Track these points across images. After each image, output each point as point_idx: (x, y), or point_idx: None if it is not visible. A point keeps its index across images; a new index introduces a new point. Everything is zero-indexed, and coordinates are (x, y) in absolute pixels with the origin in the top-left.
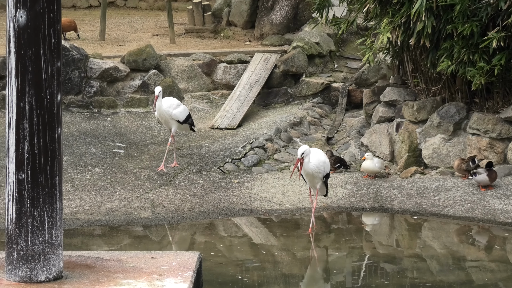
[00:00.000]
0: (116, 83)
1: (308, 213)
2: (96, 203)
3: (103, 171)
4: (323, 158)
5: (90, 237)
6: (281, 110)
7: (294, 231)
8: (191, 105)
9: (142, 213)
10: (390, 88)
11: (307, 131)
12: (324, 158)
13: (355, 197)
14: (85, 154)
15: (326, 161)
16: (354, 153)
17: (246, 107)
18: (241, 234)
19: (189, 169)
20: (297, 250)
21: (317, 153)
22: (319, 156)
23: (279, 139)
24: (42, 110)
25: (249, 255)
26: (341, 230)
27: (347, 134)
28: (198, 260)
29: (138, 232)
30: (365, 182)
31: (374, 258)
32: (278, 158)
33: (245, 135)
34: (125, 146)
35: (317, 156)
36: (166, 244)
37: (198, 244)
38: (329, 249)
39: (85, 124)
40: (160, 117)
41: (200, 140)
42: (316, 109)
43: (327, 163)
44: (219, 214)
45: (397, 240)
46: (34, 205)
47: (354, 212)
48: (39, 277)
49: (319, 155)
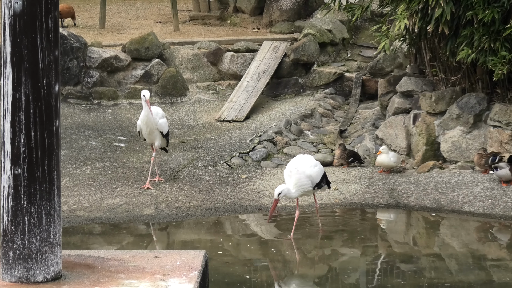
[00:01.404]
0: (117, 73)
1: (320, 209)
2: (96, 200)
3: (103, 166)
4: (308, 172)
5: (90, 235)
6: (291, 101)
7: (305, 228)
8: (196, 96)
9: (145, 210)
10: (406, 78)
11: (319, 124)
12: (310, 170)
13: (370, 193)
14: (85, 148)
15: (312, 173)
16: (369, 147)
17: (254, 98)
18: (249, 232)
19: (194, 164)
20: (309, 248)
21: (302, 166)
22: (302, 172)
23: (289, 132)
24: (39, 102)
25: (257, 254)
26: (354, 227)
27: (361, 127)
28: (204, 259)
29: (140, 230)
30: (380, 177)
31: (390, 257)
32: (288, 152)
33: (253, 128)
34: (127, 139)
35: (299, 176)
36: (170, 243)
37: (204, 242)
38: (342, 248)
39: (84, 117)
40: (147, 125)
41: (205, 133)
42: (328, 100)
43: (314, 173)
44: (226, 211)
45: (414, 238)
46: (31, 202)
47: (369, 209)
48: (36, 277)
49: (304, 170)
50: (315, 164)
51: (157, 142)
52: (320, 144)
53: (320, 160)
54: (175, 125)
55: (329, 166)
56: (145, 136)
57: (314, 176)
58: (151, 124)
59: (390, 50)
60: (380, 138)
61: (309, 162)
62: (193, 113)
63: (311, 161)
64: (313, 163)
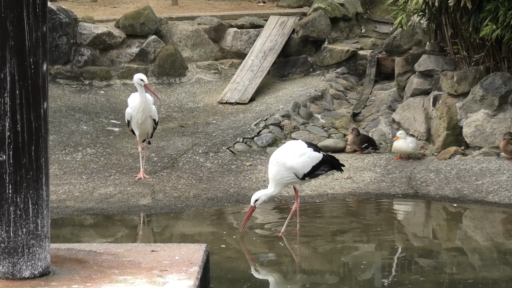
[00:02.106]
0: (110, 51)
1: (331, 200)
2: (88, 189)
3: (95, 152)
4: (290, 163)
5: (81, 227)
6: (300, 82)
7: (315, 220)
8: (196, 76)
9: (141, 200)
10: (426, 56)
11: (330, 106)
12: (292, 161)
13: (386, 181)
14: (75, 132)
15: (295, 164)
16: (384, 131)
17: (259, 78)
18: (254, 224)
19: (194, 150)
20: (319, 242)
21: (283, 157)
22: (282, 164)
23: (297, 115)
24: (26, 82)
25: (263, 248)
26: (369, 219)
27: (376, 110)
28: (205, 254)
29: (136, 222)
30: (397, 164)
31: (408, 252)
32: (297, 137)
33: (259, 111)
34: (121, 123)
35: (278, 168)
36: (168, 236)
37: (205, 235)
38: (355, 242)
39: (75, 98)
40: (143, 113)
41: (206, 116)
42: (340, 81)
43: (299, 164)
44: (229, 201)
45: (433, 231)
46: (17, 191)
47: (384, 199)
48: (22, 273)
49: (284, 162)
50: (302, 153)
51: (150, 131)
52: (331, 129)
53: (331, 146)
54: (173, 108)
55: (341, 153)
56: (137, 126)
57: (298, 167)
58: (147, 112)
59: (408, 26)
60: (397, 122)
61: (294, 151)
62: (193, 94)
63: (297, 150)
64: (300, 152)
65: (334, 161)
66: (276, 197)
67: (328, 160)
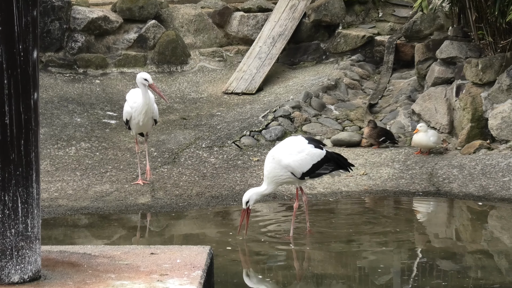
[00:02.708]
0: (106, 37)
1: (346, 198)
2: (82, 186)
3: (90, 147)
4: (286, 161)
5: (75, 228)
6: (312, 70)
7: (328, 220)
8: (199, 64)
9: (140, 199)
10: (448, 42)
11: (344, 96)
12: (289, 159)
13: (405, 178)
14: (68, 125)
15: (292, 162)
16: (404, 124)
17: (268, 66)
18: (262, 224)
19: (198, 144)
20: (333, 244)
21: (279, 153)
22: (278, 161)
23: (309, 106)
24: (15, 71)
25: (272, 250)
26: (387, 219)
27: (395, 100)
28: (208, 257)
29: (134, 222)
30: (417, 159)
31: (429, 254)
32: (308, 130)
33: (267, 102)
34: (118, 115)
35: (273, 165)
36: (169, 237)
37: (209, 236)
38: (372, 243)
39: (68, 88)
40: (145, 115)
41: (210, 107)
42: (356, 69)
43: (296, 162)
44: (235, 199)
45: (457, 231)
46: (5, 189)
47: (403, 197)
48: (11, 277)
49: (280, 159)
50: (301, 150)
51: (149, 130)
52: (345, 121)
53: (346, 139)
54: (175, 99)
55: (357, 147)
56: (137, 128)
57: (295, 165)
58: (150, 113)
59: (428, 9)
60: (417, 113)
61: (292, 148)
62: (196, 84)
63: (295, 146)
64: (298, 149)
65: (340, 160)
66: (285, 194)
67: (332, 158)
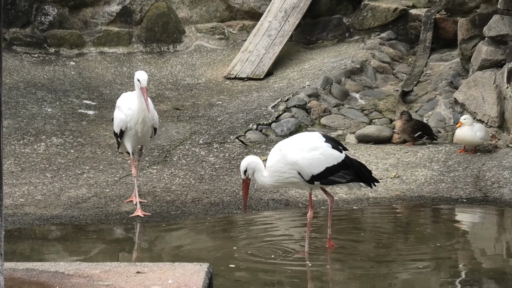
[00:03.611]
0: (82, 10)
1: (374, 206)
2: (54, 191)
3: (63, 143)
4: (294, 157)
5: (45, 241)
6: (332, 50)
7: (352, 233)
8: (196, 42)
9: (123, 206)
10: (498, 17)
11: (372, 82)
12: (297, 155)
13: (446, 182)
14: (37, 116)
15: (300, 159)
16: (444, 116)
17: (279, 46)
18: (272, 237)
19: (194, 140)
20: (357, 262)
21: (288, 147)
22: (284, 155)
23: (328, 94)
24: None
25: (284, 269)
26: (423, 231)
27: (433, 87)
28: (206, 276)
29: (116, 234)
30: (461, 159)
31: (474, 274)
32: (327, 123)
33: (278, 89)
34: (97, 104)
35: (279, 158)
36: (159, 252)
37: (207, 251)
38: (405, 261)
39: (37, 72)
40: (143, 124)
41: (209, 95)
42: (386, 49)
43: (305, 161)
44: (239, 207)
45: (509, 247)
46: None
47: (444, 205)
48: None
49: (287, 153)
50: (314, 147)
51: (148, 142)
52: (373, 112)
53: (374, 135)
54: (166, 85)
55: (387, 144)
56: (134, 141)
57: (303, 164)
58: (148, 121)
59: None
60: (460, 103)
61: (304, 143)
62: (192, 67)
63: (310, 142)
64: (311, 146)
65: (362, 170)
66: (300, 201)
67: (352, 165)
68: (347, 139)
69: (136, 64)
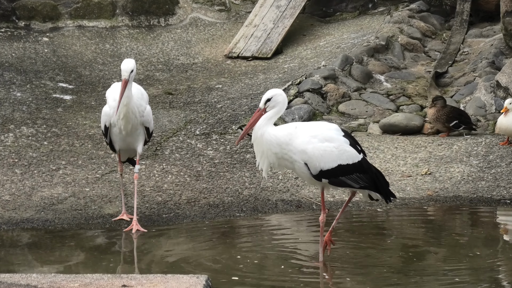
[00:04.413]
0: None
1: (401, 207)
2: (24, 190)
3: (35, 133)
4: (303, 145)
5: (14, 248)
6: (353, 24)
7: (375, 238)
8: (192, 15)
9: (106, 208)
10: None
11: (400, 62)
12: (306, 144)
13: (486, 179)
14: (4, 102)
15: (309, 149)
16: (484, 102)
17: (289, 19)
18: (282, 244)
19: (189, 130)
20: (383, 273)
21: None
22: (294, 139)
23: (348, 76)
24: None
25: (294, 282)
26: (460, 237)
27: (472, 68)
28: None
29: (98, 241)
30: (504, 153)
31: None
32: (346, 110)
33: (288, 70)
34: (74, 88)
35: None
36: (148, 262)
37: (206, 261)
38: (439, 272)
39: (3, 49)
40: (127, 120)
41: (208, 77)
42: (416, 22)
43: (315, 152)
44: (242, 209)
45: None
46: None
47: (483, 206)
48: None
49: (299, 139)
50: (329, 138)
51: (139, 147)
52: (401, 97)
53: (401, 124)
54: (156, 65)
55: (417, 135)
56: (119, 138)
57: (313, 154)
58: (134, 118)
59: None
60: (503, 86)
61: (319, 131)
62: (187, 44)
63: (326, 132)
64: (325, 136)
65: (380, 179)
66: (314, 202)
67: (369, 170)
68: (370, 129)
69: (121, 40)
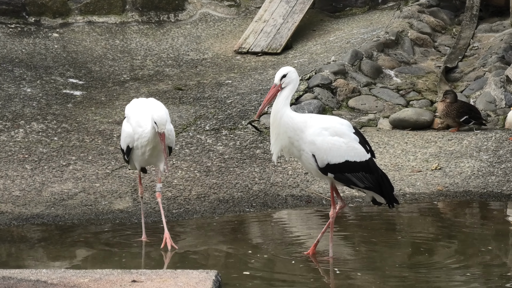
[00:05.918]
0: None
1: (410, 203)
2: (34, 185)
3: (45, 129)
4: (312, 137)
5: (24, 244)
6: (363, 19)
7: (385, 234)
8: (201, 10)
9: (116, 203)
10: None
11: (410, 57)
12: (315, 136)
13: (496, 174)
14: (14, 97)
15: (319, 141)
16: (495, 96)
17: (299, 14)
18: (292, 240)
19: (199, 126)
20: (393, 270)
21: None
22: (305, 130)
23: (358, 71)
24: None
25: (306, 277)
26: (470, 233)
27: (482, 62)
28: (214, 285)
29: (108, 236)
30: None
31: None
32: (356, 105)
33: (298, 65)
34: (85, 83)
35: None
36: (158, 258)
37: (215, 257)
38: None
39: (14, 45)
40: (154, 147)
41: (217, 73)
42: (426, 17)
43: (324, 144)
44: (252, 204)
45: None
46: None
47: (493, 202)
48: None
49: (309, 130)
50: (341, 133)
51: (162, 165)
52: (411, 93)
53: (411, 119)
54: (166, 60)
55: (427, 130)
56: (143, 160)
57: (321, 146)
58: (160, 145)
59: None
60: None
61: (330, 125)
62: (197, 39)
63: (337, 126)
64: (336, 130)
65: (385, 182)
66: (324, 198)
67: (376, 171)
68: (380, 124)
69: (131, 36)
